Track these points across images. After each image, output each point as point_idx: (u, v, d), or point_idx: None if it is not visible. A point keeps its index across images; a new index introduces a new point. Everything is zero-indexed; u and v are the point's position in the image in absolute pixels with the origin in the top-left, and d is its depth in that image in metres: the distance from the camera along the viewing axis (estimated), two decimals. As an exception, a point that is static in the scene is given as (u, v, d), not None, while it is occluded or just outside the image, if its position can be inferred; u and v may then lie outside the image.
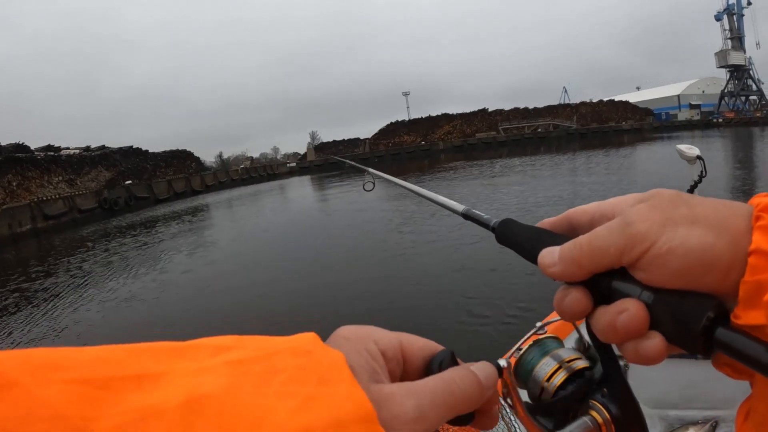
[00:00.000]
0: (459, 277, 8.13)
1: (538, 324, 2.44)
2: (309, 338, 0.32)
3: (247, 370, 0.27)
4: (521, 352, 0.49)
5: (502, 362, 0.41)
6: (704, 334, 0.30)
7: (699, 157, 2.63)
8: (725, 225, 0.32)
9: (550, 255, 0.38)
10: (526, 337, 0.59)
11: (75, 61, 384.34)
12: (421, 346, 0.38)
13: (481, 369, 0.35)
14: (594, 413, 0.40)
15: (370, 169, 2.10)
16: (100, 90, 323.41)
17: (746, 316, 0.29)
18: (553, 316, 2.86)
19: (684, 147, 2.69)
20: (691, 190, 2.57)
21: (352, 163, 2.80)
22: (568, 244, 0.37)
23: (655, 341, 0.33)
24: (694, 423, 2.00)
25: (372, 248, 11.54)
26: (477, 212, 0.55)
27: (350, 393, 0.27)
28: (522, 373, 0.48)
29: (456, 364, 0.36)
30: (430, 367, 0.36)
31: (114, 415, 0.22)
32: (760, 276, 0.29)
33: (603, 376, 0.42)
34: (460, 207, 0.61)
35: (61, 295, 10.86)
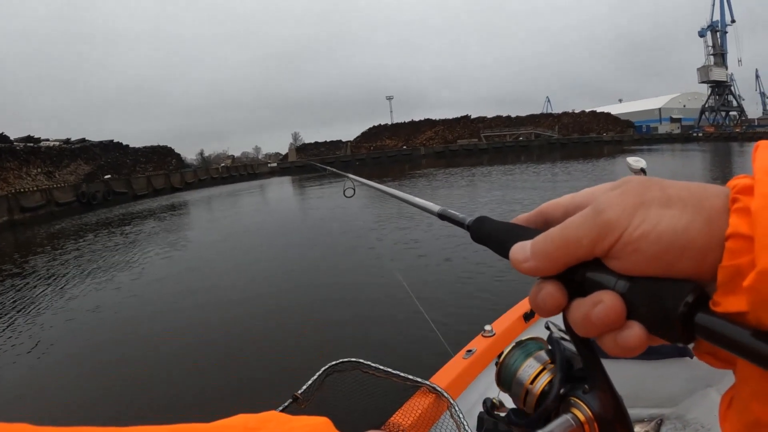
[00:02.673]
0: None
1: (487, 327, 2.62)
2: (321, 424, 0.35)
3: None
4: (503, 355, 0.48)
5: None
6: (683, 320, 0.29)
7: (642, 170, 2.88)
8: (699, 205, 0.31)
9: (521, 250, 0.37)
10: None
11: (57, 51, 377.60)
12: None
13: None
14: (575, 411, 0.39)
15: (350, 175, 2.16)
16: (82, 82, 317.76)
17: (726, 303, 0.28)
18: (499, 321, 2.93)
19: (631, 160, 2.98)
20: None
21: (333, 169, 2.87)
22: (540, 237, 0.36)
23: (634, 330, 0.32)
24: (640, 421, 2.09)
25: (352, 250, 11.58)
26: (452, 212, 0.54)
27: None
28: (505, 377, 0.47)
29: None
30: None
31: None
32: (739, 260, 0.28)
33: (583, 372, 0.40)
34: (435, 207, 0.60)
35: (27, 298, 10.28)
